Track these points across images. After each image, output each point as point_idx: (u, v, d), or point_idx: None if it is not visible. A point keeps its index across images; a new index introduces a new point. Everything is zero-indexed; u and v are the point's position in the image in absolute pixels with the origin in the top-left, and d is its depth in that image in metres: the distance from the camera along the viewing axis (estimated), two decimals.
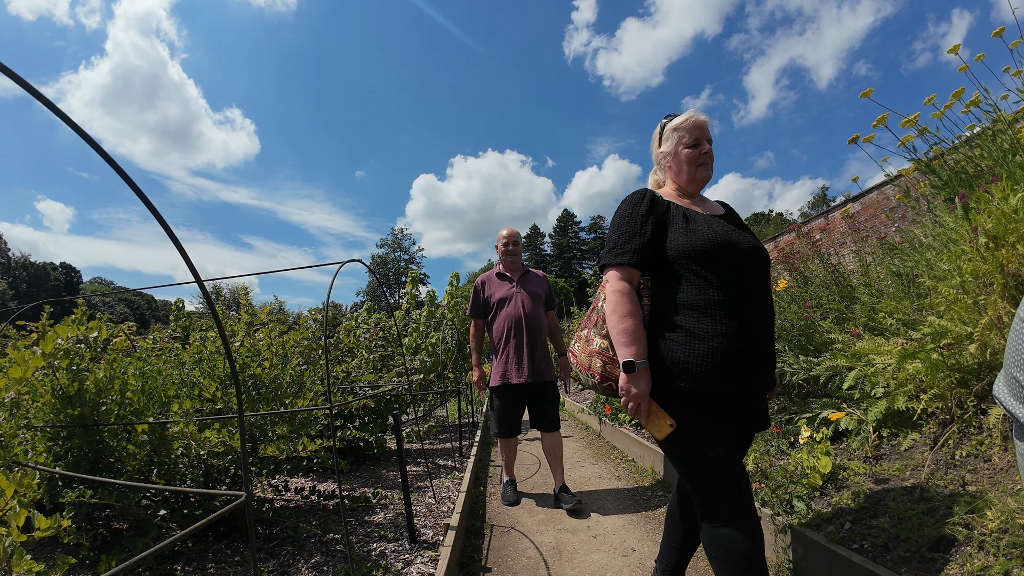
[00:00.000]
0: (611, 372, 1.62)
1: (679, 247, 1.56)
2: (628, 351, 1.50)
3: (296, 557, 2.35)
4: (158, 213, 0.78)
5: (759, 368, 1.55)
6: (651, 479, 3.70)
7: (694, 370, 1.47)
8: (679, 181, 1.75)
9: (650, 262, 1.62)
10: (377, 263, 71.51)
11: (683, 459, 1.55)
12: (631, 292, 1.57)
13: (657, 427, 1.52)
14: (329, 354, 4.74)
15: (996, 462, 1.87)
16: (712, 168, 1.74)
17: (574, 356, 1.78)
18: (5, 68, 0.60)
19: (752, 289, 1.57)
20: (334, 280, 2.14)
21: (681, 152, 1.71)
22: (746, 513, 1.48)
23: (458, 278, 7.36)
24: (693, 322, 1.50)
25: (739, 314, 1.51)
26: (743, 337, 1.49)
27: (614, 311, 1.55)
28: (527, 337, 3.37)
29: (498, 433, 3.48)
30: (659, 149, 1.81)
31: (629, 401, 1.51)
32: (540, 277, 3.69)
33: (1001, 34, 2.63)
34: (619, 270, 1.60)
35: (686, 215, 1.63)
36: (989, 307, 2.03)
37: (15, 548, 1.04)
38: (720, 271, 1.53)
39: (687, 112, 1.75)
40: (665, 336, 1.54)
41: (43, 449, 2.08)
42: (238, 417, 1.08)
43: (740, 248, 1.58)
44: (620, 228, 1.64)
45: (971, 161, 2.74)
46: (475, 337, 3.63)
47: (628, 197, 1.71)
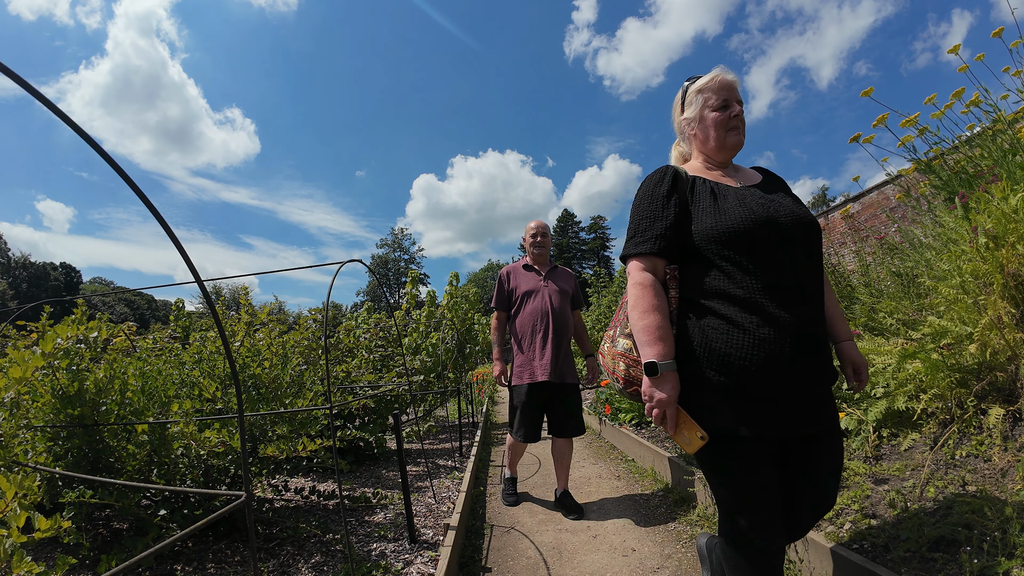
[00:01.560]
0: (635, 376, 1.46)
1: (707, 230, 1.37)
2: (651, 351, 1.32)
3: (296, 557, 2.35)
4: (158, 213, 0.78)
5: (813, 365, 1.33)
6: (651, 479, 3.70)
7: (736, 364, 1.28)
8: (706, 150, 1.54)
9: (678, 248, 1.43)
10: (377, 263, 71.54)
11: (705, 464, 1.40)
12: (655, 284, 1.39)
13: (686, 439, 1.32)
14: (329, 354, 4.74)
15: (996, 462, 1.87)
16: (744, 133, 1.52)
17: (602, 357, 1.62)
18: (5, 68, 0.60)
19: (799, 271, 1.35)
20: (334, 280, 2.14)
21: (707, 116, 1.50)
22: (754, 540, 1.31)
23: (458, 278, 7.36)
24: (734, 311, 1.31)
25: (786, 303, 1.30)
26: (793, 330, 1.28)
27: (635, 306, 1.37)
28: (553, 334, 3.17)
29: (516, 435, 3.21)
30: (682, 116, 1.59)
31: (653, 408, 1.33)
32: (568, 273, 3.50)
33: (1001, 34, 2.63)
34: (641, 260, 1.43)
35: (714, 191, 1.43)
36: (989, 307, 2.03)
37: (15, 549, 1.04)
38: (759, 255, 1.32)
39: (712, 71, 1.53)
40: (701, 324, 1.35)
41: (43, 449, 2.08)
42: (238, 417, 1.08)
43: (781, 225, 1.36)
44: (640, 213, 1.46)
45: (971, 161, 2.75)
46: (496, 330, 3.43)
47: (648, 177, 1.51)
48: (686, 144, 1.62)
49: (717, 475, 1.36)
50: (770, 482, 1.32)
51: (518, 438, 3.21)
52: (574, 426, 3.20)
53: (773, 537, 1.32)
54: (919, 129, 2.89)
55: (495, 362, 3.42)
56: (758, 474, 1.30)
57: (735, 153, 1.54)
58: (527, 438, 3.18)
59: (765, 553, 1.31)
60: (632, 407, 4.97)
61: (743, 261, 1.32)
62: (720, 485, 1.36)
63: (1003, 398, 2.00)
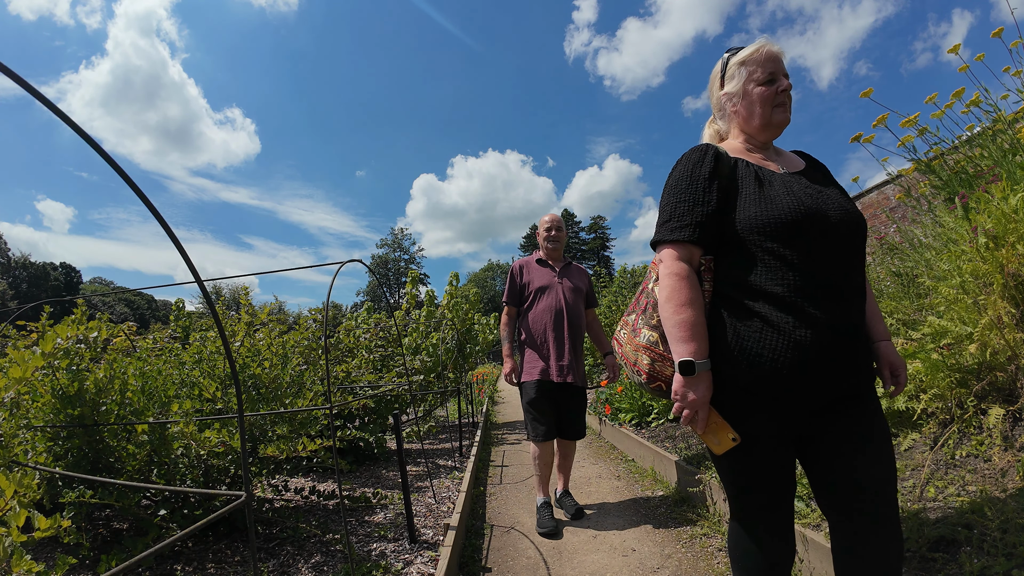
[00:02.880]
0: (660, 371, 1.36)
1: (751, 219, 1.26)
2: (686, 348, 1.23)
3: (296, 557, 2.35)
4: (158, 213, 0.78)
5: (850, 372, 1.23)
6: (651, 479, 3.70)
7: (768, 366, 1.20)
8: (749, 128, 1.42)
9: (715, 237, 1.32)
10: (377, 263, 71.54)
11: (720, 467, 1.37)
12: (691, 276, 1.28)
13: (716, 440, 1.27)
14: (329, 354, 4.74)
15: (996, 462, 1.87)
16: (791, 110, 1.41)
17: (619, 345, 1.51)
18: (5, 68, 0.60)
19: (844, 270, 1.25)
20: (334, 280, 2.14)
21: (752, 91, 1.38)
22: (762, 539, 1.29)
23: (458, 278, 7.37)
24: (770, 309, 1.22)
25: (828, 304, 1.21)
26: (832, 334, 1.20)
27: (669, 299, 1.27)
28: (568, 332, 3.07)
29: (535, 437, 3.05)
30: (721, 91, 1.46)
31: (684, 408, 1.25)
32: (583, 271, 3.39)
33: (1000, 34, 2.63)
34: (676, 248, 1.31)
35: (759, 176, 1.32)
36: (989, 307, 2.03)
37: (15, 548, 1.04)
38: (804, 249, 1.22)
39: (756, 42, 1.41)
40: (734, 321, 1.26)
41: (43, 449, 2.08)
42: (238, 417, 1.08)
43: (829, 219, 1.26)
44: (677, 195, 1.34)
45: (971, 161, 2.75)
46: (507, 326, 3.27)
47: (685, 155, 1.39)
48: (723, 122, 1.50)
49: (734, 472, 1.32)
50: (788, 476, 1.30)
51: (537, 438, 3.04)
52: (578, 428, 3.15)
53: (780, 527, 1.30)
54: (919, 129, 2.89)
55: (505, 359, 3.24)
56: (779, 472, 1.28)
57: (780, 132, 1.42)
58: (548, 435, 3.03)
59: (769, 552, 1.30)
60: (632, 407, 4.97)
61: (787, 255, 1.22)
62: (735, 484, 1.33)
63: (1003, 398, 2.00)
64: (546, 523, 2.87)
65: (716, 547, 2.43)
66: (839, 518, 1.28)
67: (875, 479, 1.25)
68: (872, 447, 1.26)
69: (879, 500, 1.24)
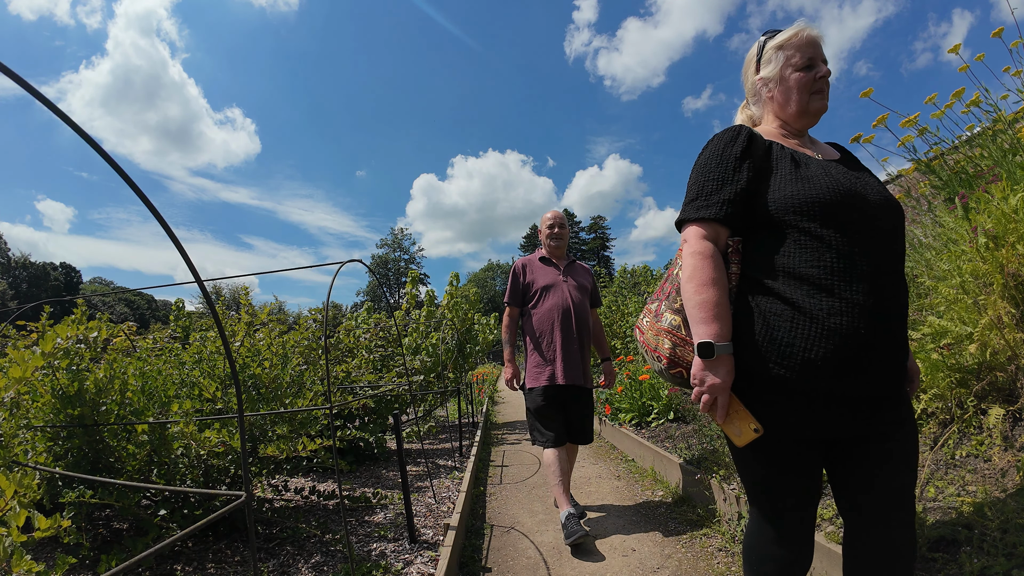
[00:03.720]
0: (681, 356, 1.29)
1: (787, 198, 1.20)
2: (706, 329, 1.17)
3: (296, 557, 2.35)
4: (158, 213, 0.78)
5: (888, 365, 1.16)
6: (651, 479, 3.70)
7: (800, 356, 1.13)
8: (785, 115, 1.37)
9: (744, 219, 1.27)
10: (377, 263, 71.56)
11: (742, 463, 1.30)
12: (716, 255, 1.23)
13: (737, 430, 1.20)
14: (329, 354, 4.74)
15: (996, 462, 1.87)
16: (828, 98, 1.36)
17: (640, 332, 1.45)
18: (5, 68, 0.60)
19: (884, 257, 1.19)
20: (334, 280, 2.14)
21: (789, 76, 1.33)
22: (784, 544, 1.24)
23: (458, 278, 7.37)
24: (803, 294, 1.15)
25: (867, 289, 1.14)
26: (871, 320, 1.13)
27: (691, 277, 1.21)
28: (576, 332, 2.95)
29: (544, 442, 2.89)
30: (756, 75, 1.41)
31: (703, 393, 1.19)
32: (587, 269, 3.27)
33: (1001, 34, 2.63)
34: (702, 226, 1.25)
35: (794, 158, 1.27)
36: (989, 307, 2.03)
37: (15, 548, 1.04)
38: (842, 231, 1.17)
39: (794, 25, 1.35)
40: (762, 308, 1.20)
41: (43, 449, 2.08)
42: (238, 417, 1.08)
43: (869, 202, 1.21)
44: (706, 173, 1.29)
45: (971, 161, 2.75)
46: (508, 328, 3.12)
47: (717, 135, 1.34)
48: (757, 108, 1.45)
49: (759, 471, 1.26)
50: (812, 481, 1.24)
51: (546, 444, 2.89)
52: (588, 433, 3.04)
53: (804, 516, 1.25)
54: (919, 129, 2.89)
55: (507, 364, 3.10)
56: (807, 473, 1.22)
57: (817, 120, 1.38)
58: (559, 440, 2.89)
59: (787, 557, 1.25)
60: (632, 407, 4.97)
61: (825, 235, 1.16)
62: (758, 482, 1.27)
63: (1003, 398, 2.00)
64: (574, 530, 2.58)
65: (716, 547, 2.43)
66: (860, 522, 1.24)
67: (902, 485, 1.22)
68: (903, 453, 1.22)
69: (903, 506, 1.22)
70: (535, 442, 2.97)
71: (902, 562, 1.21)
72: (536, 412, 2.95)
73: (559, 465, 2.86)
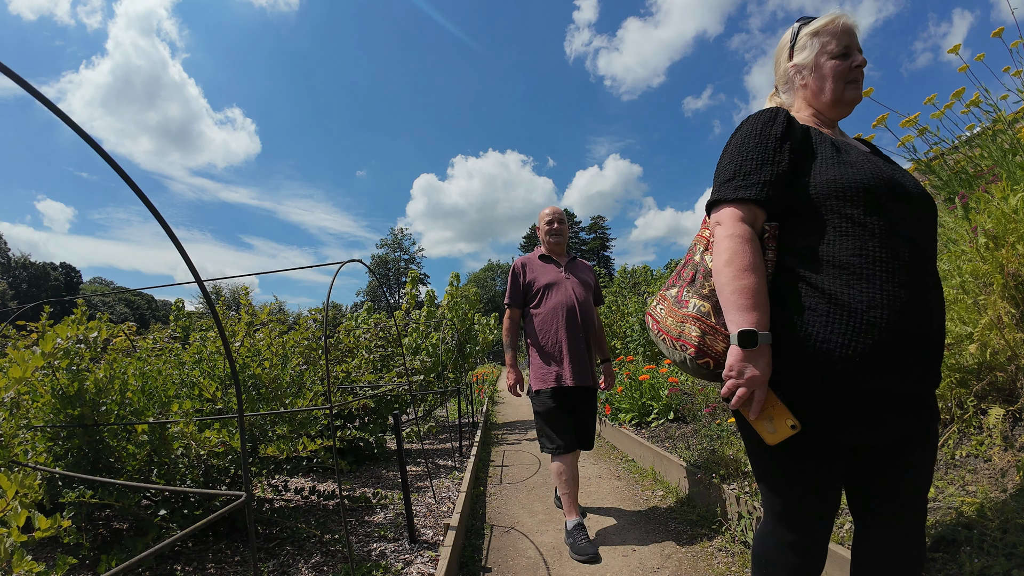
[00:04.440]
0: (711, 346, 1.20)
1: (829, 182, 1.15)
2: (747, 317, 1.09)
3: (296, 557, 2.35)
4: (158, 213, 0.78)
5: (931, 364, 1.12)
6: (651, 479, 3.70)
7: (837, 352, 1.06)
8: (818, 104, 1.32)
9: (781, 203, 1.20)
10: (377, 263, 71.56)
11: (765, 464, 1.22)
12: (754, 239, 1.15)
13: (770, 427, 1.11)
14: (329, 354, 4.74)
15: (996, 462, 1.87)
16: (862, 88, 1.32)
17: (655, 321, 1.37)
18: (5, 68, 0.60)
19: (924, 249, 1.14)
20: (334, 280, 2.14)
21: (824, 64, 1.29)
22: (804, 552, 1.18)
23: (458, 278, 7.37)
24: (841, 285, 1.09)
25: (909, 281, 1.08)
26: (914, 315, 1.07)
27: (729, 262, 1.13)
28: (583, 331, 2.83)
29: (555, 449, 2.74)
30: (789, 62, 1.36)
31: (740, 386, 1.10)
32: (588, 266, 3.16)
33: (1001, 34, 2.63)
34: (739, 207, 1.18)
35: (834, 144, 1.22)
36: (989, 307, 2.03)
37: (15, 548, 1.04)
38: (886, 219, 1.12)
39: (831, 12, 1.31)
40: (795, 302, 1.13)
41: (43, 449, 2.08)
42: (238, 417, 1.08)
43: (910, 194, 1.17)
44: (744, 152, 1.22)
45: (971, 161, 2.75)
46: (509, 331, 2.96)
47: (753, 116, 1.28)
48: (788, 95, 1.40)
49: (786, 472, 1.18)
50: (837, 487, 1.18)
51: (559, 450, 2.73)
52: (590, 437, 2.94)
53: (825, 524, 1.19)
54: (919, 129, 2.90)
55: (509, 369, 2.94)
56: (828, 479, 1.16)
57: (851, 111, 1.33)
58: (570, 446, 2.75)
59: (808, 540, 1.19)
60: (632, 407, 4.97)
61: (869, 222, 1.11)
62: (784, 485, 1.19)
63: (1003, 398, 2.00)
64: (585, 548, 2.50)
65: (716, 547, 2.43)
66: (875, 525, 1.21)
67: (923, 491, 1.20)
68: (927, 460, 1.19)
69: (920, 511, 1.20)
70: (544, 449, 2.81)
71: (914, 565, 1.20)
72: (545, 416, 2.79)
73: (570, 473, 2.74)
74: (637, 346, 7.24)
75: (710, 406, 3.81)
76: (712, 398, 4.12)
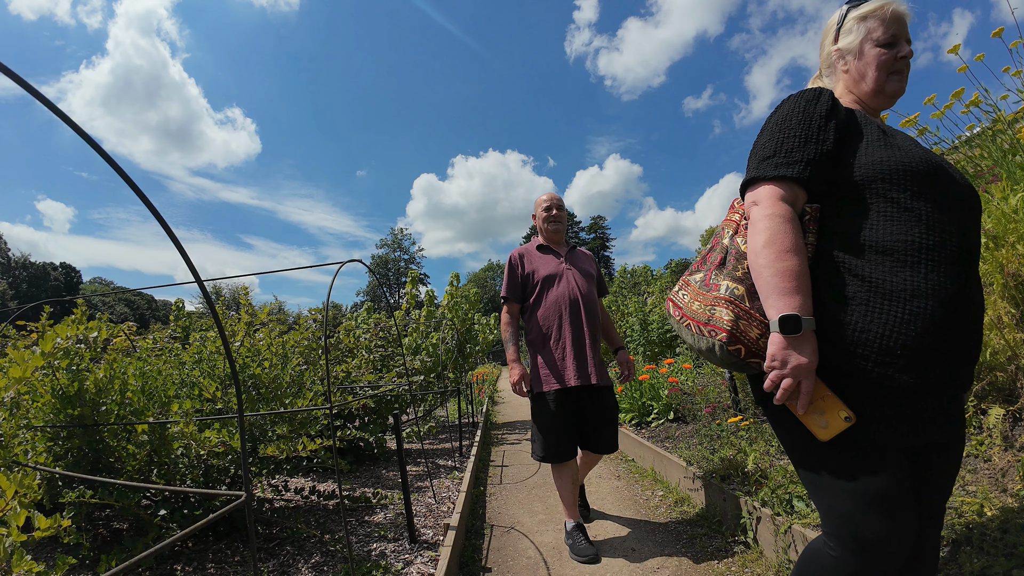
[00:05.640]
0: (745, 331, 1.11)
1: (876, 164, 1.09)
2: (789, 302, 1.02)
3: (296, 557, 2.35)
4: (158, 213, 0.78)
5: (970, 360, 1.07)
6: (651, 479, 3.70)
7: (878, 342, 1.00)
8: (859, 91, 1.27)
9: (823, 185, 1.13)
10: (377, 263, 71.57)
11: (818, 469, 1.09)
12: (796, 220, 1.09)
13: (822, 421, 1.03)
14: (329, 354, 4.74)
15: (996, 462, 1.87)
16: (907, 81, 1.25)
17: (677, 308, 1.28)
18: (5, 68, 0.60)
19: (970, 240, 1.09)
20: (334, 280, 2.14)
21: (869, 51, 1.22)
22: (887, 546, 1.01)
23: (458, 278, 7.38)
24: (884, 272, 1.03)
25: (954, 273, 1.03)
26: (958, 305, 1.02)
27: (769, 243, 1.06)
28: (587, 325, 2.62)
29: (550, 457, 2.58)
30: (834, 46, 1.30)
31: (784, 377, 1.02)
32: (589, 255, 2.95)
33: (1001, 34, 2.63)
34: (780, 186, 1.11)
35: (881, 127, 1.17)
36: (989, 307, 2.03)
37: (15, 548, 1.04)
38: (934, 205, 1.06)
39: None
40: (833, 289, 1.07)
41: (43, 449, 2.08)
42: (238, 417, 1.08)
43: (956, 181, 1.11)
44: (785, 129, 1.15)
45: (971, 161, 2.75)
46: (509, 325, 2.76)
47: (795, 94, 1.22)
48: (830, 79, 1.34)
49: (852, 478, 1.05)
50: (900, 477, 1.04)
51: (556, 458, 2.57)
52: (610, 437, 2.65)
53: (909, 542, 1.03)
54: (919, 129, 2.90)
55: (512, 365, 2.70)
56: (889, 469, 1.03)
57: (893, 103, 1.28)
58: (563, 456, 2.58)
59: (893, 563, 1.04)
60: (632, 407, 4.97)
61: (917, 208, 1.05)
62: (846, 493, 1.05)
63: (1003, 398, 2.00)
64: (584, 549, 2.46)
65: (716, 547, 2.43)
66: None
67: (944, 494, 1.16)
68: (952, 462, 1.15)
69: (938, 514, 1.17)
70: (533, 454, 2.65)
71: (930, 572, 1.18)
72: (549, 419, 2.58)
73: (571, 477, 2.63)
74: (637, 346, 7.24)
75: (710, 406, 3.81)
76: (712, 398, 4.11)
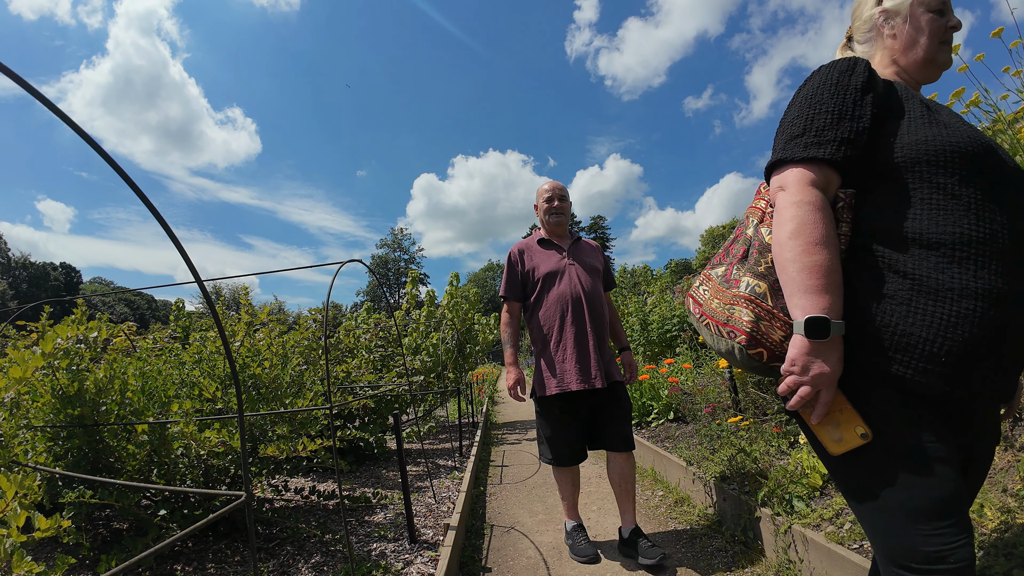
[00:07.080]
0: (767, 333, 1.00)
1: (920, 144, 0.96)
2: (817, 301, 0.91)
3: (296, 557, 2.35)
4: (158, 213, 0.78)
5: (1017, 365, 0.94)
6: (651, 479, 3.70)
7: (920, 346, 0.88)
8: (906, 60, 1.12)
9: (859, 167, 1.00)
10: (377, 263, 71.56)
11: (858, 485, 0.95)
12: (827, 208, 0.96)
13: (837, 436, 0.93)
14: (329, 354, 4.74)
15: (996, 462, 1.87)
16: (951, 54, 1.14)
17: (697, 304, 1.18)
18: (5, 68, 0.60)
19: (1021, 232, 0.94)
20: (334, 280, 2.14)
21: (921, 16, 1.09)
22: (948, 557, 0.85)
23: (458, 278, 7.37)
24: (929, 267, 0.91)
25: (1008, 270, 0.90)
26: (1009, 309, 0.89)
27: (796, 234, 0.94)
28: (591, 324, 2.46)
29: (554, 461, 2.49)
30: (879, 7, 1.16)
31: (803, 384, 0.92)
32: (594, 247, 2.78)
33: (1000, 34, 2.63)
34: (810, 168, 0.98)
35: (924, 102, 1.03)
36: None
37: (15, 548, 1.04)
38: (987, 193, 0.93)
39: None
40: (869, 286, 0.95)
41: (43, 449, 2.08)
42: (238, 417, 1.08)
43: (1008, 166, 0.98)
44: (815, 105, 1.01)
45: None
46: (508, 325, 2.62)
47: (826, 65, 1.07)
48: (867, 46, 1.19)
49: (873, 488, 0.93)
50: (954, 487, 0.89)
51: (555, 462, 2.49)
52: (624, 435, 2.47)
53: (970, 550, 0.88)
54: None
55: (509, 368, 2.58)
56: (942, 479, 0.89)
57: (938, 76, 1.14)
58: (574, 458, 2.48)
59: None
60: (632, 406, 4.97)
61: (963, 194, 0.92)
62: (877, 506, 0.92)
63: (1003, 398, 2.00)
64: (584, 549, 2.43)
65: (716, 547, 2.43)
66: None
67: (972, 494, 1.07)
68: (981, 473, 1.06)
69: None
70: (541, 456, 2.57)
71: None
72: (553, 424, 2.48)
73: (572, 480, 2.58)
74: (637, 346, 7.24)
75: (710, 406, 3.80)
76: (712, 398, 4.11)
